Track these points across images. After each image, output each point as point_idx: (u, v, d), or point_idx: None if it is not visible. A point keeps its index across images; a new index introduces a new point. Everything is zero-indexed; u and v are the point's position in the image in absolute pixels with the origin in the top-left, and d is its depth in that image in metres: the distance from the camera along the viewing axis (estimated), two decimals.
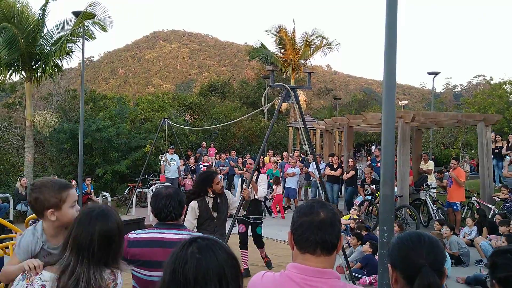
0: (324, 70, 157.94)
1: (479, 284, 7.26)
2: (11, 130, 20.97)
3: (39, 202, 2.44)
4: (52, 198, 2.46)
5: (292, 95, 6.42)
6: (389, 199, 3.73)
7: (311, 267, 1.87)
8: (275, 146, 27.04)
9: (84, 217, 2.21)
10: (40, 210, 2.46)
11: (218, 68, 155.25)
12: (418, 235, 1.81)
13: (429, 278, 1.65)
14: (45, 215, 2.47)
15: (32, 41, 15.54)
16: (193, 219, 5.10)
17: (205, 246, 1.48)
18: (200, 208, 5.17)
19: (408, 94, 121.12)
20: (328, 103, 51.65)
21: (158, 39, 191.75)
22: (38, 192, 2.45)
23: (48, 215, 2.46)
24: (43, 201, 2.44)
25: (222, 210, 5.34)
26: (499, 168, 14.95)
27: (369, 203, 12.48)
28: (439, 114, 13.76)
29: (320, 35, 28.85)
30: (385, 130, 3.74)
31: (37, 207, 2.46)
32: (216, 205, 5.26)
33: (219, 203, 5.31)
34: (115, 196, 16.93)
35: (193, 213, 5.09)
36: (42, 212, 2.47)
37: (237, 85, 45.38)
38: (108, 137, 17.62)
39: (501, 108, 21.48)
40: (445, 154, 24.21)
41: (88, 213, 2.22)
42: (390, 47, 3.78)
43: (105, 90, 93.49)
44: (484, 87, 34.05)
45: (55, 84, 22.76)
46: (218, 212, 5.28)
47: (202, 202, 5.22)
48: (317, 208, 1.94)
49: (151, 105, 25.11)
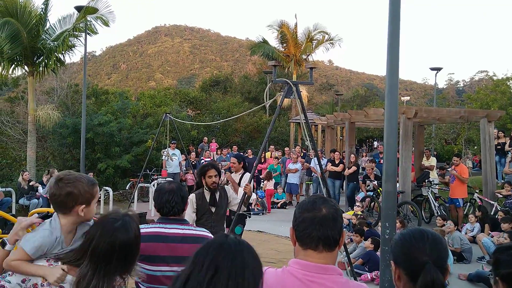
0: (326, 66, 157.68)
1: (481, 281, 7.25)
2: (14, 125, 20.98)
3: (72, 196, 2.37)
4: (86, 193, 2.42)
5: (294, 90, 6.40)
6: (392, 195, 3.73)
7: (313, 263, 1.86)
8: (276, 142, 27.03)
9: (107, 228, 2.21)
10: (71, 205, 2.38)
11: (219, 63, 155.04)
12: (421, 232, 1.80)
13: (432, 275, 1.65)
14: (74, 210, 2.40)
15: (34, 36, 15.54)
16: (192, 212, 5.07)
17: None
18: (197, 201, 5.15)
19: (410, 90, 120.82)
20: (330, 99, 51.58)
21: (160, 34, 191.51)
22: (72, 186, 2.37)
23: (79, 211, 2.39)
24: (77, 196, 2.38)
25: (220, 205, 5.29)
26: (502, 165, 14.92)
27: (371, 199, 12.48)
28: (442, 110, 13.72)
29: (322, 30, 28.81)
30: (387, 126, 3.73)
31: (69, 201, 2.37)
32: (214, 200, 5.19)
33: (218, 198, 5.25)
34: (117, 191, 16.96)
35: (191, 205, 5.07)
36: (72, 208, 2.39)
37: (238, 80, 45.38)
38: (110, 131, 17.63)
39: (504, 104, 21.42)
40: (448, 150, 24.18)
41: (111, 223, 2.22)
42: (393, 43, 3.76)
43: (107, 85, 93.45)
44: (487, 83, 33.92)
45: (58, 79, 22.77)
46: (216, 207, 5.23)
47: (200, 196, 5.19)
48: (319, 204, 1.93)
49: (153, 100, 25.11)
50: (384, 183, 3.85)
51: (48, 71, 16.48)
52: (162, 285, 2.91)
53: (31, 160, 16.06)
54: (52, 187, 2.39)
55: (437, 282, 1.64)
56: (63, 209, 2.39)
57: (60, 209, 2.40)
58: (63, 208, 2.39)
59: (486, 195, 11.76)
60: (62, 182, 2.38)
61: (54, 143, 19.05)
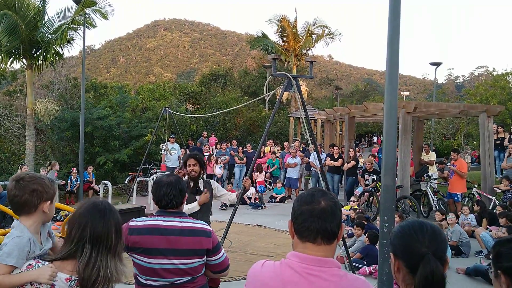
0: (326, 60, 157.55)
1: (479, 275, 7.26)
2: (12, 118, 20.94)
3: (37, 193, 2.36)
4: (50, 190, 2.42)
5: (294, 84, 6.39)
6: (390, 189, 3.72)
7: (312, 256, 1.85)
8: (276, 136, 27.03)
9: (96, 212, 2.27)
10: (36, 203, 2.37)
11: (219, 58, 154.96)
12: (420, 223, 1.79)
13: (432, 266, 1.64)
14: (39, 208, 2.39)
15: (33, 29, 15.47)
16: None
17: None
18: None
19: (410, 85, 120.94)
20: (329, 93, 51.53)
21: (159, 27, 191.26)
22: (36, 184, 2.38)
23: (44, 208, 2.39)
24: (42, 193, 2.38)
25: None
26: (501, 160, 14.93)
27: (370, 193, 12.48)
28: (441, 105, 13.71)
29: (322, 25, 28.77)
30: (387, 118, 3.72)
31: (34, 199, 2.36)
32: (195, 190, 5.11)
33: (202, 188, 5.15)
34: (115, 184, 16.96)
35: None
36: (37, 206, 2.38)
37: (238, 75, 45.31)
38: (109, 125, 17.60)
39: (503, 99, 21.43)
40: (447, 145, 24.20)
41: (97, 207, 2.29)
42: (393, 37, 3.74)
43: (106, 78, 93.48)
44: (487, 78, 33.92)
45: (56, 72, 22.70)
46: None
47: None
48: (318, 197, 1.92)
49: (152, 94, 25.05)
50: (383, 177, 3.84)
51: (47, 64, 16.41)
52: (160, 278, 2.91)
53: (29, 153, 16.04)
54: (13, 188, 2.36)
55: (436, 273, 1.63)
56: (27, 209, 2.37)
57: (24, 209, 2.37)
58: (27, 208, 2.37)
59: (484, 190, 11.77)
60: (24, 181, 2.37)
61: (53, 137, 19.02)
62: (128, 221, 2.99)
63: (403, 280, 1.76)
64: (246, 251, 8.68)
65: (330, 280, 1.83)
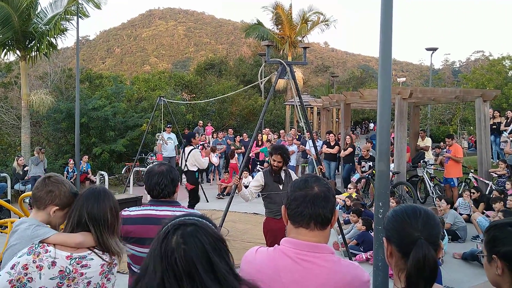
0: (321, 47, 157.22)
1: (475, 260, 7.29)
2: (8, 110, 20.86)
3: (51, 195, 2.49)
4: (64, 197, 2.51)
5: (288, 71, 6.35)
6: (385, 175, 3.70)
7: (305, 242, 1.86)
8: (272, 125, 26.99)
9: (90, 196, 2.43)
10: (47, 202, 2.49)
11: (214, 46, 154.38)
12: (413, 208, 1.78)
13: (424, 251, 1.63)
14: (47, 209, 2.48)
15: (25, 20, 15.37)
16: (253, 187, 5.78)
17: (189, 234, 1.45)
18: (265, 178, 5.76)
19: (406, 71, 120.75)
20: (325, 81, 51.41)
21: (154, 17, 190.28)
22: (55, 186, 2.50)
23: (51, 211, 2.48)
24: (55, 196, 2.49)
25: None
26: (497, 144, 14.96)
27: (366, 180, 12.49)
28: (437, 90, 13.66)
29: (317, 11, 28.67)
30: (380, 104, 3.69)
31: (46, 198, 2.48)
32: (277, 179, 5.64)
33: (281, 178, 5.65)
34: (112, 175, 16.94)
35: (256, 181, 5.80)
36: (47, 205, 2.48)
37: (233, 63, 45.13)
38: (105, 116, 17.54)
39: (499, 83, 21.42)
40: (443, 131, 24.20)
41: (91, 192, 2.45)
42: (386, 16, 3.70)
43: (101, 69, 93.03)
44: (483, 63, 33.89)
45: (51, 64, 22.58)
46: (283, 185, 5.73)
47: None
48: (311, 183, 1.93)
49: (148, 84, 24.94)
50: (377, 163, 3.82)
51: (41, 55, 16.33)
52: None
53: (25, 145, 16.00)
54: (39, 182, 2.54)
55: (428, 258, 1.62)
56: (39, 204, 2.50)
57: (36, 203, 2.51)
58: (39, 203, 2.50)
59: (481, 174, 11.78)
60: (49, 180, 2.53)
61: (49, 128, 18.96)
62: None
63: (396, 264, 1.75)
64: (243, 239, 8.70)
65: (323, 266, 1.83)
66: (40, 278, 2.18)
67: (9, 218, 5.73)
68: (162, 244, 1.45)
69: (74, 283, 2.27)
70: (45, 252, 2.23)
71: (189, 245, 1.42)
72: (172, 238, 1.45)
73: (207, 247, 1.43)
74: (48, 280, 2.20)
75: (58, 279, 2.23)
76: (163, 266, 1.41)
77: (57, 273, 2.23)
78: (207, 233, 1.47)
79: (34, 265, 2.19)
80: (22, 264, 2.17)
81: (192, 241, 1.43)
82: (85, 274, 2.30)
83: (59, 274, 2.23)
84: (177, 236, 1.44)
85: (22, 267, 2.16)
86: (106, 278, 2.42)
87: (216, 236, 1.49)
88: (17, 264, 2.17)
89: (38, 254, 2.22)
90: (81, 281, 2.30)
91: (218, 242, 1.49)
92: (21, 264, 2.17)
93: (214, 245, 1.46)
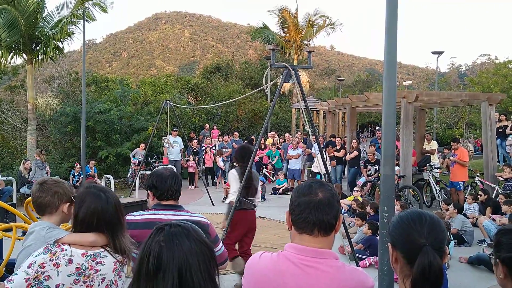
0: (327, 51, 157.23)
1: (481, 264, 7.25)
2: (14, 114, 20.97)
3: (59, 195, 2.60)
4: (69, 193, 2.67)
5: (293, 74, 6.34)
6: (390, 178, 3.69)
7: (309, 247, 1.85)
8: (278, 128, 26.99)
9: (99, 196, 2.45)
10: (57, 204, 2.60)
11: (220, 50, 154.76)
12: (419, 214, 1.77)
13: (430, 257, 1.61)
14: (59, 209, 2.61)
15: (32, 23, 15.45)
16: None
17: (172, 234, 1.45)
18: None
19: (412, 75, 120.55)
20: (331, 84, 51.41)
21: (160, 20, 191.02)
22: (58, 187, 2.62)
23: (64, 209, 2.61)
24: (62, 195, 2.62)
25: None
26: (503, 148, 14.89)
27: (372, 184, 12.46)
28: (443, 94, 13.62)
29: (323, 15, 28.66)
30: (386, 108, 3.68)
31: (56, 200, 2.59)
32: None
33: None
34: (118, 178, 16.97)
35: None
36: (58, 207, 2.60)
37: (240, 67, 45.17)
38: (111, 119, 17.58)
39: (505, 87, 21.31)
40: (449, 134, 24.11)
41: (96, 192, 2.47)
42: (391, 19, 3.69)
43: (108, 72, 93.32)
44: (489, 66, 33.77)
45: (57, 67, 22.69)
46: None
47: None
48: (315, 188, 1.92)
49: (154, 87, 24.99)
50: (382, 166, 3.81)
51: (47, 59, 16.41)
52: None
53: (31, 148, 16.06)
54: (37, 190, 2.60)
55: (434, 265, 1.61)
56: (49, 209, 2.60)
57: (46, 210, 2.60)
58: (49, 209, 2.59)
59: (487, 178, 11.73)
60: (47, 184, 2.62)
61: (55, 132, 19.02)
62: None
63: (401, 270, 1.74)
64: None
65: (327, 271, 1.82)
66: (57, 275, 2.25)
67: (14, 223, 5.75)
68: (145, 242, 1.46)
69: (89, 280, 2.34)
70: (61, 251, 2.30)
71: (167, 245, 1.42)
72: (155, 237, 1.46)
73: (186, 251, 1.42)
74: (65, 277, 2.27)
75: (75, 276, 2.30)
76: (139, 265, 1.43)
77: (74, 270, 2.30)
78: (190, 236, 1.47)
79: (51, 263, 2.25)
80: (39, 263, 2.23)
81: (172, 242, 1.43)
82: (100, 271, 2.38)
83: (76, 271, 2.30)
84: (160, 236, 1.46)
85: (39, 266, 2.22)
86: (118, 275, 2.48)
87: (201, 240, 1.49)
88: (34, 263, 2.23)
89: (54, 252, 2.28)
90: (96, 277, 2.36)
91: (203, 246, 1.47)
92: (38, 263, 2.23)
93: (197, 249, 1.45)
